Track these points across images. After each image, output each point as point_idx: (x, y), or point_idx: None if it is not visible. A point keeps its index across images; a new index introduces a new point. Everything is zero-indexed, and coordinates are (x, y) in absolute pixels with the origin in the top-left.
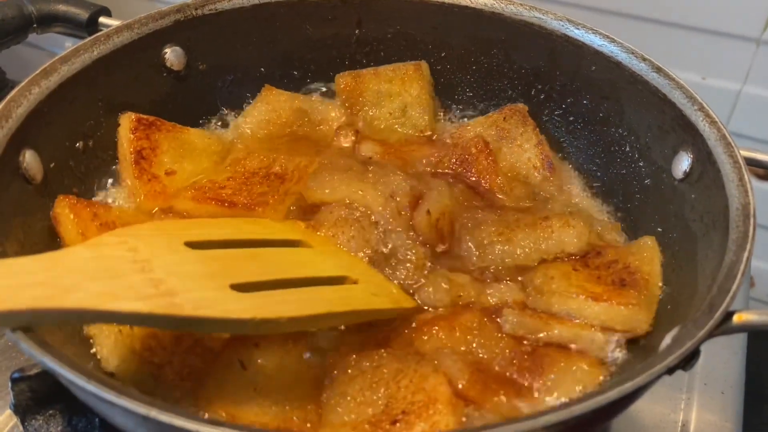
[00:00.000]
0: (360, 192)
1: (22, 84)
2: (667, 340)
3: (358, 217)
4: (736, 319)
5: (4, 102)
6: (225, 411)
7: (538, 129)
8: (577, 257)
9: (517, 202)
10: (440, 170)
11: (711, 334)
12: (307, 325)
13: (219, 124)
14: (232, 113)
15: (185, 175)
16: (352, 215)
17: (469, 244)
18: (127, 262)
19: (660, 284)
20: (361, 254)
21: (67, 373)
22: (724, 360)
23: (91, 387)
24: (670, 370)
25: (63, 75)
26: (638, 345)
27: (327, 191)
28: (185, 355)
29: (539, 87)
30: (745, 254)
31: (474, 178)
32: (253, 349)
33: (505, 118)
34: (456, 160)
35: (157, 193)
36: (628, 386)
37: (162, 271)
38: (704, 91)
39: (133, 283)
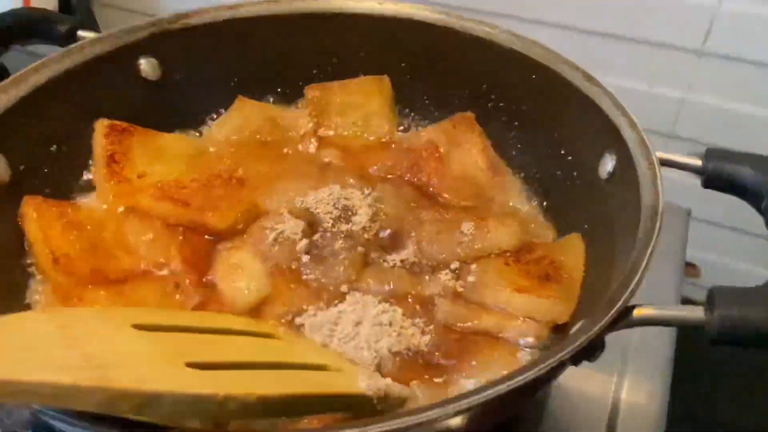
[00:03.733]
0: (309, 194)
1: None
2: (572, 331)
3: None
4: (636, 313)
5: None
6: None
7: (484, 134)
8: (510, 253)
9: (461, 202)
10: (393, 174)
11: (610, 328)
12: (284, 412)
13: (194, 131)
14: (208, 120)
15: (156, 177)
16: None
17: (411, 241)
18: (52, 337)
19: (581, 278)
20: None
21: None
22: (653, 346)
23: None
24: (575, 360)
25: (33, 84)
26: (560, 332)
27: (275, 197)
28: None
29: (488, 95)
30: (648, 251)
31: (424, 180)
32: None
33: (454, 125)
34: (408, 164)
35: (125, 194)
36: (530, 374)
37: (96, 348)
38: (651, 98)
39: (56, 356)
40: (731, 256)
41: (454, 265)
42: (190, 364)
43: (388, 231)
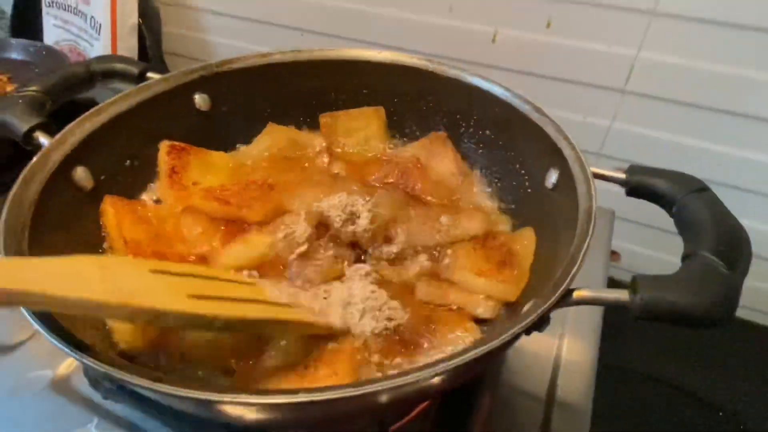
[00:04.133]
0: (323, 200)
1: (78, 119)
2: (524, 309)
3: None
4: (575, 295)
5: (61, 132)
6: None
7: (454, 148)
8: (478, 239)
9: (439, 201)
10: (387, 182)
11: (555, 306)
12: (257, 329)
13: (234, 149)
14: (244, 141)
15: (206, 185)
16: (293, 227)
17: (402, 232)
18: (95, 273)
19: (530, 265)
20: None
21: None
22: (586, 315)
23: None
24: (527, 331)
25: (111, 113)
26: (512, 309)
27: (298, 201)
28: None
29: (460, 123)
30: (585, 245)
31: (411, 185)
32: None
33: (431, 141)
34: (398, 173)
35: (182, 198)
36: (494, 343)
37: (124, 282)
38: (584, 126)
39: (96, 284)
40: (646, 246)
41: (434, 251)
42: (190, 296)
43: (384, 228)
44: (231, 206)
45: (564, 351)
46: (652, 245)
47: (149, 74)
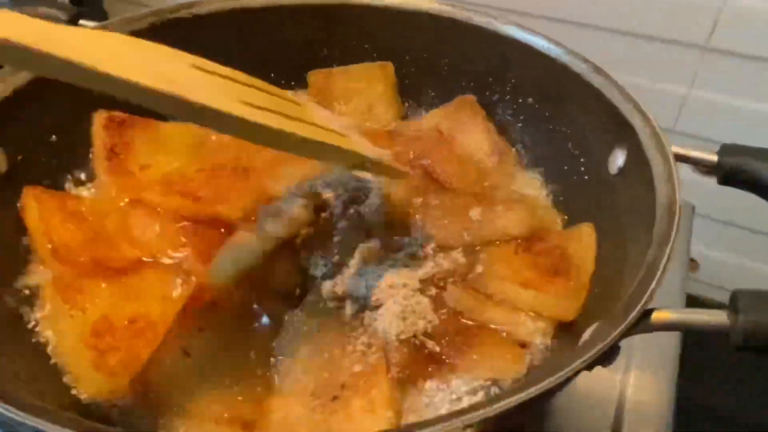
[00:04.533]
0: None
1: None
2: (585, 335)
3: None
4: (655, 317)
5: None
6: (177, 405)
7: (487, 118)
8: (521, 241)
9: (468, 187)
10: (398, 161)
11: (629, 332)
12: (307, 151)
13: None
14: None
15: (159, 168)
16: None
17: (419, 225)
18: (134, 57)
19: (590, 273)
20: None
21: None
22: (659, 342)
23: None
24: (589, 367)
25: (27, 75)
26: (567, 330)
27: (284, 183)
28: (132, 341)
29: (492, 87)
30: (667, 251)
31: (430, 166)
32: (197, 334)
33: (456, 108)
34: (413, 150)
35: (129, 187)
36: (548, 383)
37: (167, 69)
38: (654, 94)
39: (129, 58)
40: (730, 251)
41: (458, 252)
42: (242, 101)
43: (398, 218)
44: (202, 203)
45: (630, 389)
46: (737, 249)
47: (82, 21)
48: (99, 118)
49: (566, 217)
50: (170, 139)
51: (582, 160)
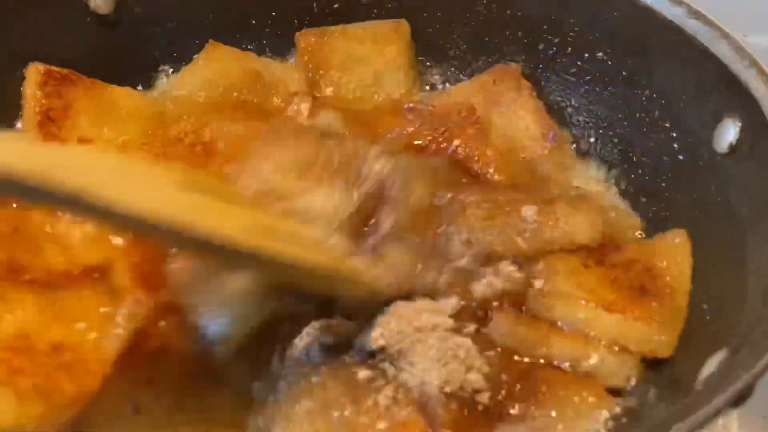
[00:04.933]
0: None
1: None
2: (708, 368)
3: None
4: None
5: None
6: None
7: (534, 92)
8: (589, 250)
9: (511, 180)
10: (415, 145)
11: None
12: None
13: (152, 83)
14: (170, 71)
15: (103, 144)
16: None
17: (452, 228)
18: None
19: (688, 293)
20: None
21: None
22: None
23: None
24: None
25: None
26: (658, 370)
27: (248, 175)
28: (54, 372)
29: (547, 40)
30: None
31: (459, 152)
32: (144, 387)
33: (494, 80)
34: (436, 131)
35: None
36: None
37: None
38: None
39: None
40: None
41: (506, 264)
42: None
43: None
44: None
45: None
46: None
47: None
48: (34, 72)
49: (651, 215)
50: (121, 107)
51: (674, 135)
